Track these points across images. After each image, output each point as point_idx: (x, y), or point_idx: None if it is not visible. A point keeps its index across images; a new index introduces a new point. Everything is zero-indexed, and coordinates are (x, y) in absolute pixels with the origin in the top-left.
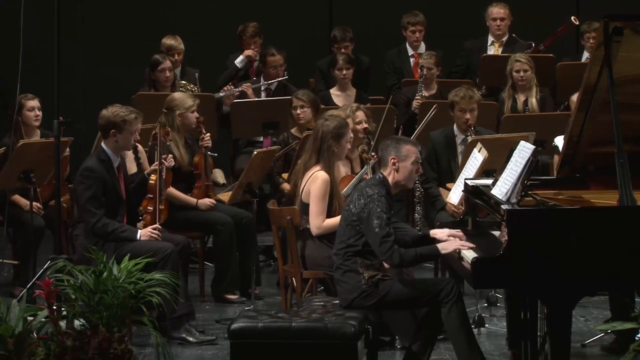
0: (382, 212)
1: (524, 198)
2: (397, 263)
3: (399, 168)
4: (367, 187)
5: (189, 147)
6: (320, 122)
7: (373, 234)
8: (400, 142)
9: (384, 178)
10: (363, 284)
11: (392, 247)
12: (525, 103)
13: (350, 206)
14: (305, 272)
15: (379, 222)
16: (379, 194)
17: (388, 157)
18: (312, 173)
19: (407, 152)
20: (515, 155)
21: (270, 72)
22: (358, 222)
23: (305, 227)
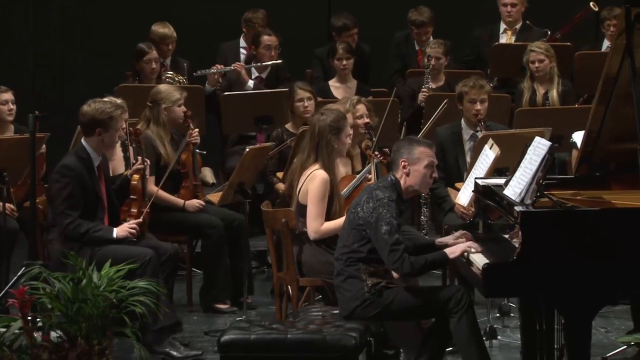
0: (391, 218)
1: (539, 199)
2: (407, 272)
3: (410, 172)
4: (377, 190)
5: (176, 143)
6: (317, 116)
7: (382, 241)
8: (413, 143)
9: (396, 181)
10: (365, 291)
11: (402, 256)
12: (546, 96)
13: (358, 209)
14: (302, 279)
15: (388, 229)
16: (389, 198)
17: (399, 159)
18: (310, 172)
19: (419, 154)
20: (529, 153)
21: (264, 53)
22: (365, 226)
23: (302, 231)
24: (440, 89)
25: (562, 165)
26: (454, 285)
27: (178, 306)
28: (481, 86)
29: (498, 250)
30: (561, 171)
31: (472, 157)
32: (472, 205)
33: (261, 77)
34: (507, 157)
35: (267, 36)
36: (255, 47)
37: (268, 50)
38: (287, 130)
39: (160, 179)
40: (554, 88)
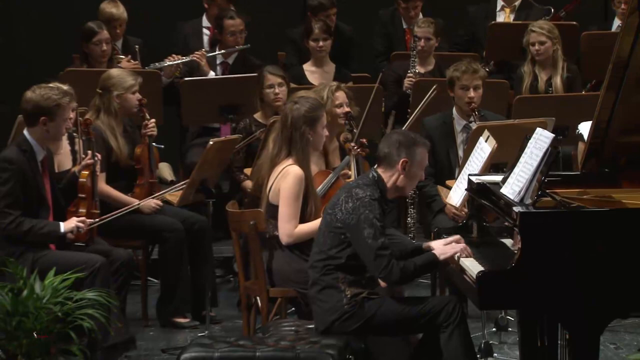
0: (375, 219)
1: (540, 198)
2: (396, 280)
3: (410, 172)
4: (356, 188)
5: (129, 136)
6: (289, 105)
7: (365, 246)
8: (415, 142)
9: (378, 178)
10: (344, 303)
11: (390, 262)
12: (549, 82)
13: (335, 209)
14: (273, 289)
15: (372, 232)
16: (371, 197)
17: (398, 158)
18: (282, 168)
19: (421, 156)
20: (530, 146)
21: (228, 39)
22: (344, 229)
23: (273, 235)
24: (429, 74)
25: (567, 160)
26: (445, 296)
27: (131, 320)
28: (475, 70)
29: (494, 256)
30: (566, 167)
31: (465, 151)
32: (465, 205)
33: (227, 62)
34: (505, 151)
35: (231, 20)
36: (219, 32)
37: (233, 35)
38: (256, 120)
39: (112, 176)
40: (558, 73)
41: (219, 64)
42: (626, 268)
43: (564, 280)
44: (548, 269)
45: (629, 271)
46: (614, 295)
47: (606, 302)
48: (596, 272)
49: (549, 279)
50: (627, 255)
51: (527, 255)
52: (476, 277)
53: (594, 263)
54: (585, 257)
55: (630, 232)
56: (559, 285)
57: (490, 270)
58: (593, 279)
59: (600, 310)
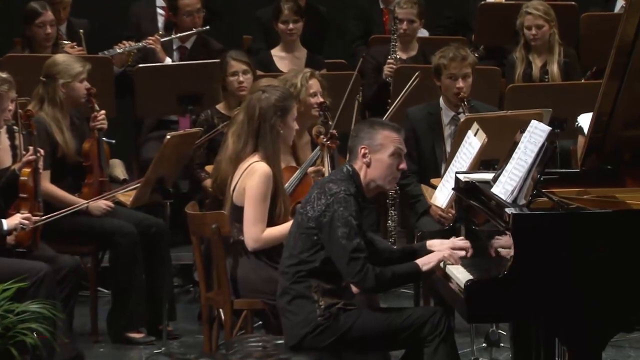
0: (350, 217)
1: (536, 199)
2: (371, 286)
3: (372, 161)
4: (330, 183)
5: (77, 129)
6: (256, 95)
7: (338, 247)
8: (375, 126)
9: (353, 172)
10: (318, 315)
11: (364, 266)
12: (544, 69)
13: (307, 207)
14: (238, 300)
15: (346, 231)
16: (346, 192)
17: (358, 146)
18: (248, 165)
19: (383, 139)
20: (524, 140)
21: (184, 20)
22: (316, 229)
23: (238, 240)
24: (412, 60)
25: (565, 156)
26: (430, 307)
27: (80, 335)
28: (464, 58)
29: (484, 263)
30: (564, 163)
31: (452, 146)
32: (452, 206)
33: (185, 47)
34: (496, 145)
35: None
36: (173, 13)
37: (189, 16)
38: (218, 112)
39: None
40: (554, 59)
41: (176, 48)
42: (631, 276)
43: (561, 290)
44: (544, 277)
45: (634, 280)
46: (617, 307)
47: (609, 315)
48: (598, 280)
49: (545, 289)
50: (632, 262)
51: (520, 262)
52: (464, 286)
53: (595, 271)
54: (585, 264)
55: (636, 236)
56: (556, 296)
57: (479, 279)
58: (594, 288)
59: (603, 324)
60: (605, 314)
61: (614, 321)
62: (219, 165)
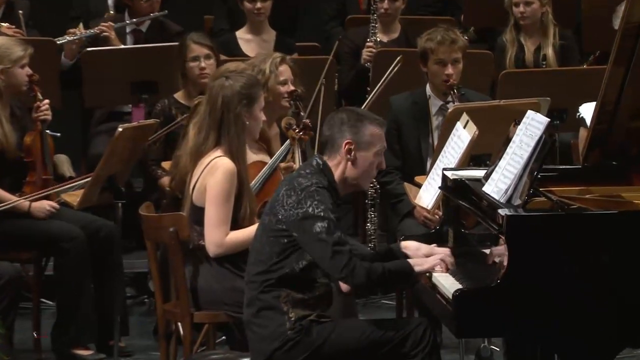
0: (327, 210)
1: (532, 199)
2: (362, 282)
3: (356, 158)
4: (299, 178)
5: (17, 121)
6: (219, 82)
7: (319, 244)
8: (363, 119)
9: (323, 166)
10: (288, 328)
11: (351, 260)
12: (538, 53)
13: (276, 207)
14: (198, 313)
15: (324, 225)
16: (318, 185)
17: (341, 140)
18: (209, 161)
19: (371, 136)
20: (519, 133)
21: (142, 5)
22: (287, 231)
23: (198, 245)
24: (393, 43)
25: (566, 150)
26: (414, 318)
27: (21, 352)
28: (453, 41)
29: (475, 271)
30: (564, 159)
31: (439, 139)
32: (439, 207)
33: (139, 30)
34: (488, 139)
35: None
36: None
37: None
38: (177, 101)
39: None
40: (549, 42)
41: (130, 32)
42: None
43: (561, 301)
44: (542, 286)
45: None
46: (623, 319)
47: (614, 328)
48: (602, 290)
49: (543, 299)
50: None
51: (515, 269)
52: (452, 296)
53: (599, 279)
54: (588, 272)
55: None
56: (555, 307)
57: (469, 289)
58: (598, 298)
59: (607, 338)
60: (612, 328)
61: (620, 335)
62: (177, 161)
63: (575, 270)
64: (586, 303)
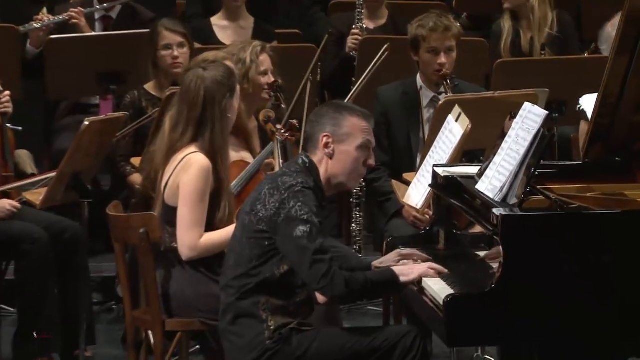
0: (310, 214)
1: (529, 197)
2: (341, 293)
3: (335, 153)
4: (283, 176)
5: None
6: (195, 72)
7: (298, 249)
8: (342, 111)
9: (310, 164)
10: (266, 337)
11: (330, 270)
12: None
13: (257, 206)
14: (171, 320)
15: (306, 230)
16: (304, 185)
17: (319, 134)
18: (183, 157)
19: (351, 127)
20: (515, 127)
21: None
22: (269, 232)
23: (171, 247)
24: (380, 30)
25: (565, 145)
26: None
27: None
28: (447, 28)
29: (467, 275)
30: (564, 154)
31: (430, 133)
32: (430, 206)
33: (109, 16)
34: (482, 133)
35: None
36: None
37: None
38: (148, 93)
39: None
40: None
41: (99, 18)
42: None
43: (560, 307)
44: (539, 291)
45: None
46: (627, 326)
47: (617, 336)
48: (605, 295)
49: (540, 305)
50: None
51: (511, 273)
52: (443, 302)
53: (601, 283)
54: (589, 276)
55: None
56: (554, 314)
57: (461, 294)
58: (600, 304)
59: (609, 347)
60: (615, 335)
61: (625, 344)
62: (149, 157)
63: (575, 274)
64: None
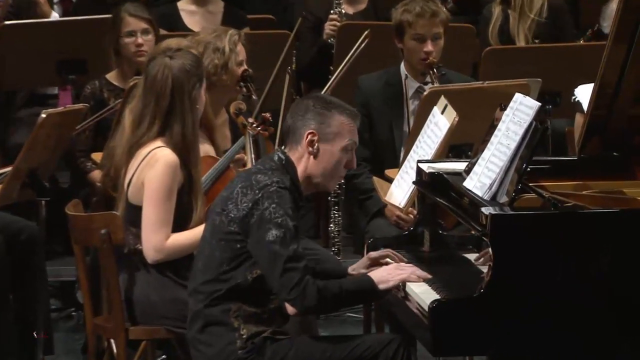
0: (285, 217)
1: (521, 195)
2: (312, 305)
3: (319, 152)
4: (257, 174)
5: None
6: (161, 60)
7: (269, 255)
8: (331, 107)
9: (286, 161)
10: (239, 347)
11: (303, 279)
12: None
13: (229, 206)
14: (134, 328)
15: (279, 234)
16: (279, 185)
17: (304, 130)
18: (148, 152)
19: (339, 127)
20: (506, 120)
21: None
22: (241, 235)
23: (135, 249)
24: (360, 16)
25: (559, 139)
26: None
27: None
28: (434, 13)
29: (455, 279)
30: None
31: (414, 126)
32: (414, 205)
33: None
34: (470, 126)
35: None
36: None
37: None
38: (110, 83)
39: None
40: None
41: (58, 2)
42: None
43: (554, 312)
44: (531, 296)
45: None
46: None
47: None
48: (601, 299)
49: (532, 311)
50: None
51: (501, 277)
52: (428, 308)
53: (598, 287)
54: (585, 279)
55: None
56: (547, 320)
57: (448, 299)
58: (597, 309)
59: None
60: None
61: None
62: (111, 152)
63: (571, 277)
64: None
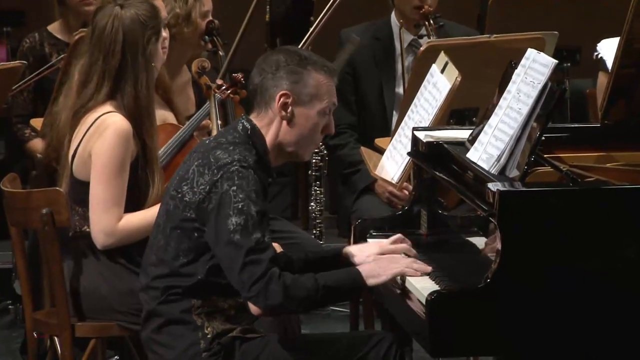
0: (247, 201)
1: (534, 169)
2: (276, 304)
3: (294, 117)
4: (216, 149)
5: None
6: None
7: (227, 246)
8: (306, 64)
9: (252, 131)
10: (203, 348)
11: (266, 273)
12: None
13: (183, 188)
14: (81, 324)
15: (240, 222)
16: (241, 163)
17: (275, 90)
18: (96, 118)
19: (316, 87)
20: (516, 80)
21: None
22: (197, 221)
23: (82, 232)
24: None
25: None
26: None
27: None
28: None
29: (456, 267)
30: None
31: (408, 88)
32: (409, 180)
33: None
34: (475, 87)
35: None
36: None
37: None
38: (52, 36)
39: None
40: None
41: None
42: None
43: (570, 307)
44: (545, 287)
45: None
46: None
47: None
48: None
49: (546, 305)
50: None
51: (510, 265)
52: (426, 301)
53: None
54: (610, 267)
55: None
56: (561, 316)
57: (448, 290)
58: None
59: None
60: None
61: None
62: (54, 118)
63: (591, 265)
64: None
